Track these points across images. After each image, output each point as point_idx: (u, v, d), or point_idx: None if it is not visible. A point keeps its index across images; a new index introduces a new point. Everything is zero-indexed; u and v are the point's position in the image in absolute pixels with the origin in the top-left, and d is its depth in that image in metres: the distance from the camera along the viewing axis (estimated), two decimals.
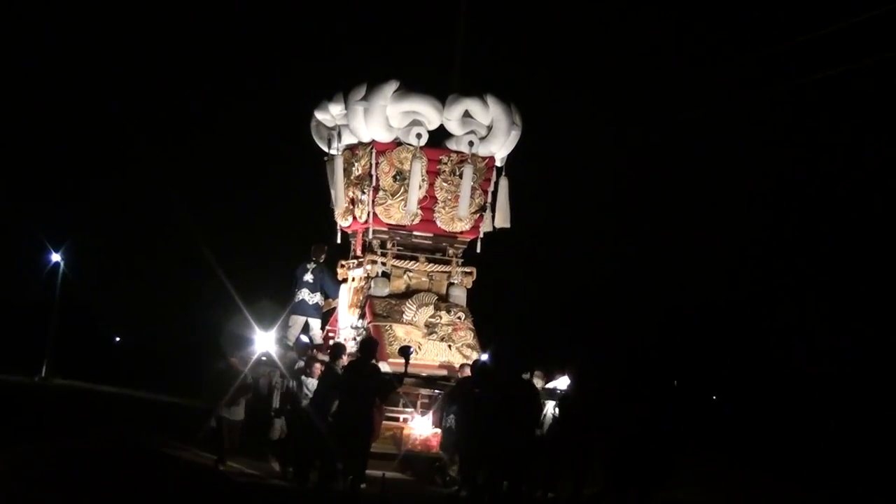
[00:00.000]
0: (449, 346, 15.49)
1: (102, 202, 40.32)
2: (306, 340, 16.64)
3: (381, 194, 16.26)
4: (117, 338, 44.28)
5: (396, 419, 14.69)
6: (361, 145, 16.52)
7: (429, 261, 16.56)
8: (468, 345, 15.57)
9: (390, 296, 16.15)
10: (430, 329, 15.60)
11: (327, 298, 17.21)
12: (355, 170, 16.75)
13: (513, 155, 16.85)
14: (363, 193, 16.46)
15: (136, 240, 39.90)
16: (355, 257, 17.10)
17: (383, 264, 16.34)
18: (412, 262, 16.47)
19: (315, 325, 17.08)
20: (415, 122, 16.10)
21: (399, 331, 15.54)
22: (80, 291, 35.39)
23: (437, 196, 16.42)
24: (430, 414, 14.78)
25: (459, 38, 17.28)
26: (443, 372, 15.10)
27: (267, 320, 16.26)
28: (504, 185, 16.74)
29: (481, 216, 16.62)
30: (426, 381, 14.77)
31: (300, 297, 16.94)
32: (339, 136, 16.76)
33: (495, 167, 16.74)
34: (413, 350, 13.91)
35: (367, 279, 16.44)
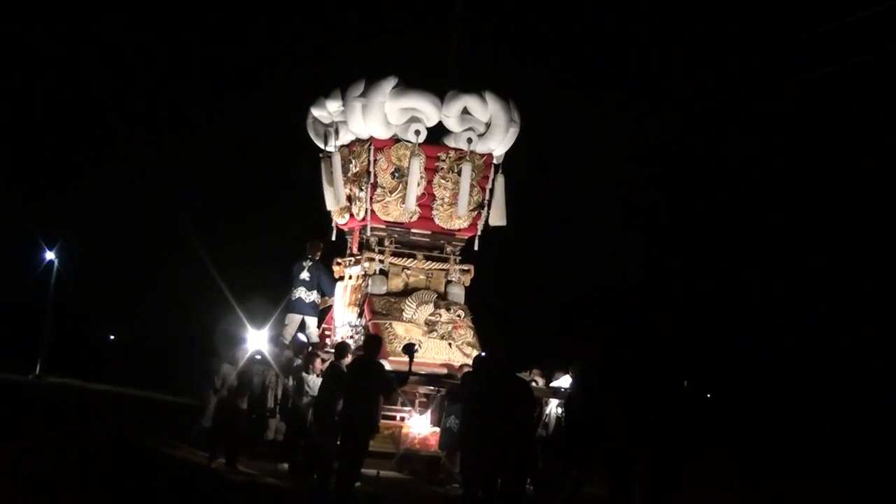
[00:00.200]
0: (449, 344, 15.39)
1: (96, 201, 40.34)
2: (303, 339, 16.58)
3: (379, 191, 16.14)
4: (111, 336, 44.28)
5: (393, 418, 14.60)
6: (359, 142, 16.41)
7: (426, 258, 16.44)
8: (468, 343, 15.47)
9: (389, 294, 16.05)
10: (430, 327, 15.50)
11: (323, 296, 17.12)
12: (353, 167, 16.64)
13: (511, 151, 16.75)
14: (361, 191, 16.33)
15: (129, 239, 39.93)
16: (352, 255, 16.99)
17: (381, 262, 16.22)
18: (410, 259, 16.35)
19: (311, 323, 17.02)
20: (413, 119, 15.98)
21: (399, 329, 15.44)
22: (74, 290, 35.40)
23: (436, 193, 16.33)
24: (429, 412, 14.70)
25: (454, 35, 17.14)
26: (443, 370, 15.00)
27: (260, 319, 16.19)
28: (500, 182, 16.64)
29: (479, 214, 16.53)
30: (429, 380, 14.66)
31: (297, 296, 16.85)
32: (336, 132, 16.64)
33: (493, 164, 16.65)
34: (417, 347, 13.79)
35: (364, 277, 16.33)
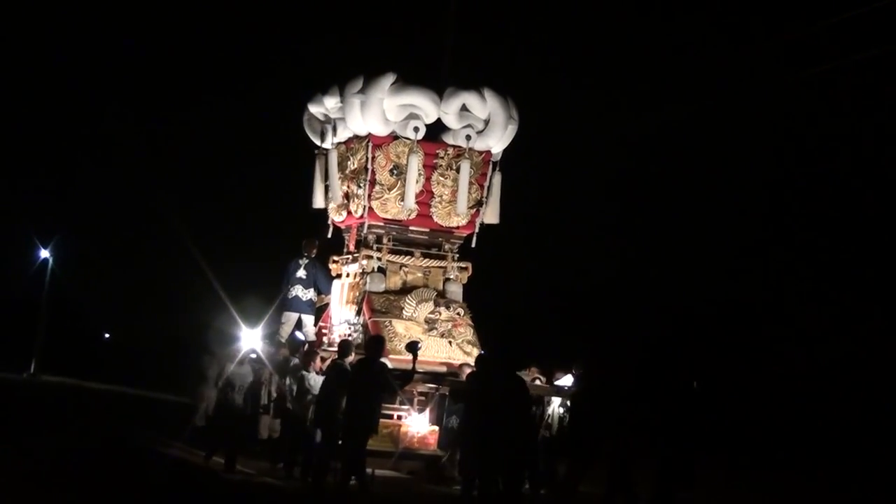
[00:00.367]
0: (449, 342, 15.32)
1: (91, 199, 40.18)
2: (301, 337, 16.49)
3: (377, 188, 16.03)
4: (106, 334, 44.18)
5: (391, 416, 14.52)
6: (357, 139, 16.31)
7: (424, 256, 16.35)
8: (468, 341, 15.41)
9: (387, 291, 15.95)
10: (430, 325, 15.43)
11: (320, 294, 17.02)
12: (350, 164, 16.54)
13: (508, 148, 16.65)
14: (359, 188, 16.22)
15: (124, 237, 39.80)
16: (349, 253, 16.88)
17: (379, 259, 16.12)
18: (408, 257, 16.25)
19: (308, 321, 16.94)
20: (412, 116, 15.89)
21: (399, 327, 15.35)
22: (69, 288, 35.25)
23: (434, 191, 16.24)
24: (427, 411, 14.62)
25: (449, 31, 17.01)
26: (443, 369, 14.90)
27: (254, 317, 16.10)
28: (497, 179, 16.57)
29: (477, 211, 16.44)
30: (433, 378, 14.56)
31: (293, 294, 16.77)
32: (334, 129, 16.54)
33: (491, 161, 16.56)
34: (421, 345, 13.69)
35: (362, 275, 16.22)
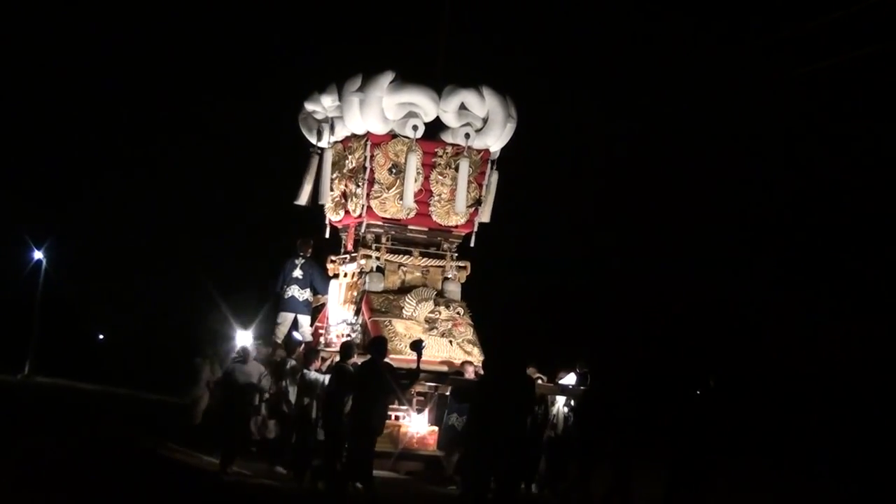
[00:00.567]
0: (450, 341, 15.27)
1: (85, 200, 40.12)
2: (298, 337, 16.39)
3: (376, 187, 15.97)
4: (100, 335, 44.09)
5: (389, 417, 14.40)
6: (355, 138, 16.24)
7: (423, 255, 16.29)
8: (469, 340, 15.36)
9: (386, 291, 15.87)
10: (430, 324, 15.38)
11: (316, 294, 16.92)
12: (348, 163, 16.48)
13: (506, 146, 16.59)
14: (358, 187, 16.16)
15: (118, 238, 39.70)
16: (347, 252, 16.80)
17: (378, 259, 16.04)
18: (406, 256, 16.19)
19: (304, 321, 16.82)
20: (411, 114, 15.83)
21: (399, 326, 15.28)
22: (63, 289, 35.20)
23: (433, 189, 16.19)
24: (427, 412, 14.54)
25: (443, 30, 16.93)
26: (444, 368, 14.83)
27: (247, 318, 16.01)
28: (495, 178, 16.53)
29: (476, 210, 16.39)
30: (438, 377, 14.48)
31: (289, 294, 16.66)
32: (331, 128, 16.47)
33: (489, 160, 16.49)
34: (425, 344, 13.60)
35: (360, 274, 16.14)
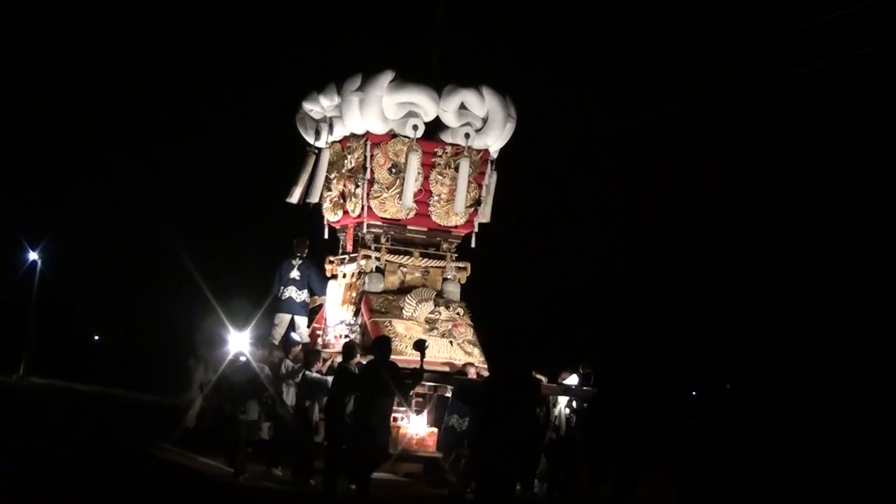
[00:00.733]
0: (450, 342, 15.23)
1: (79, 201, 40.07)
2: (296, 338, 16.31)
3: (376, 187, 15.93)
4: (96, 336, 44.00)
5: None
6: (354, 137, 16.20)
7: (423, 256, 16.24)
8: (469, 341, 15.32)
9: (385, 291, 15.82)
10: (430, 325, 15.34)
11: (313, 295, 16.84)
12: (348, 163, 16.43)
13: (505, 146, 16.55)
14: (357, 187, 16.10)
15: (113, 238, 39.63)
16: (345, 253, 16.72)
17: (377, 259, 15.96)
18: (406, 257, 16.13)
19: (302, 322, 16.76)
20: (411, 114, 15.79)
21: (399, 327, 15.23)
22: (58, 290, 35.10)
23: (433, 189, 16.16)
24: (426, 413, 14.48)
25: (438, 29, 16.88)
26: (445, 369, 14.79)
27: (242, 319, 15.92)
28: (494, 178, 16.50)
29: (476, 210, 16.36)
30: (441, 377, 14.41)
31: (287, 295, 16.60)
32: (330, 127, 16.40)
33: (489, 160, 16.43)
34: (428, 344, 13.54)
35: (360, 275, 16.06)
